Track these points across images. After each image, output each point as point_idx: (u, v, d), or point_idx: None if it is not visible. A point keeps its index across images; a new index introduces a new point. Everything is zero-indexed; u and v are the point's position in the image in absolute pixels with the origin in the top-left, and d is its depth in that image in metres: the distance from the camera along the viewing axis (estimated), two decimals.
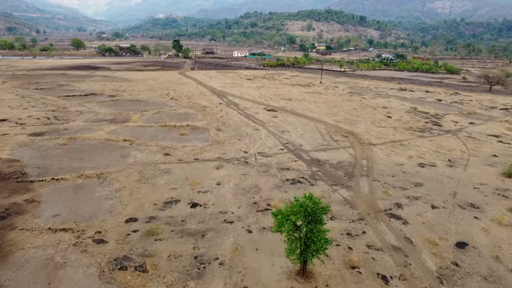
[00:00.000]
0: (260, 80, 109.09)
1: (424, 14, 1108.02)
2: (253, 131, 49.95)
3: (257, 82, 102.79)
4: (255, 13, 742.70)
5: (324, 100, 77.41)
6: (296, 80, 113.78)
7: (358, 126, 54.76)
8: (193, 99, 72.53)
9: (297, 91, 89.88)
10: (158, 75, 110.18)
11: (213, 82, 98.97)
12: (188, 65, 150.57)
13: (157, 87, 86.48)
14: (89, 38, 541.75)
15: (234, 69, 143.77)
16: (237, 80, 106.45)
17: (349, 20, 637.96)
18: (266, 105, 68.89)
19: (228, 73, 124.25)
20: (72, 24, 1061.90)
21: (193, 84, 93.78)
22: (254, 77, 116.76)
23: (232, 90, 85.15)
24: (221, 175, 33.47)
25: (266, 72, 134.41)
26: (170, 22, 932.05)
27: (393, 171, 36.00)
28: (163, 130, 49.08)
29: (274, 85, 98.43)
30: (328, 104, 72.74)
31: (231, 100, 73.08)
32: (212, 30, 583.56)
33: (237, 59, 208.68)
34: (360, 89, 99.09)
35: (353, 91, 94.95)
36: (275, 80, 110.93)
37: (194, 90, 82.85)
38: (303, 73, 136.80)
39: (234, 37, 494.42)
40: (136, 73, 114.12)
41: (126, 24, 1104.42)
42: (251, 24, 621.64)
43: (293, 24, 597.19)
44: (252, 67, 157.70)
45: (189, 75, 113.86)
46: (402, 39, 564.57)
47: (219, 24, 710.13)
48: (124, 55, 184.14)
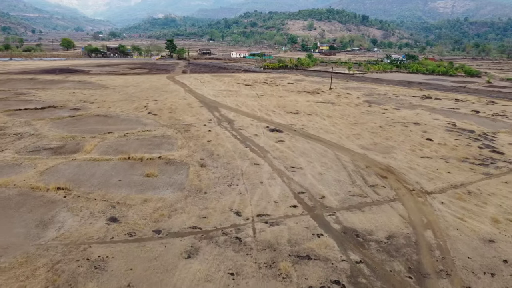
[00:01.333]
0: (260, 86, 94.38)
1: (426, 14, 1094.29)
2: (251, 167, 35.24)
3: (256, 89, 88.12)
4: (255, 13, 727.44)
5: (339, 113, 62.69)
6: (301, 85, 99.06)
7: (395, 157, 40.00)
8: (177, 113, 57.80)
9: (304, 100, 75.16)
10: (142, 80, 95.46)
11: (205, 89, 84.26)
12: (180, 68, 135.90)
13: (136, 96, 71.75)
14: (85, 38, 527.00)
15: (231, 72, 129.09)
16: (234, 86, 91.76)
17: (351, 19, 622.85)
18: (268, 122, 54.17)
19: (224, 77, 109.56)
20: (70, 24, 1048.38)
21: (180, 92, 79.06)
22: (254, 81, 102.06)
23: (226, 100, 70.42)
24: (191, 278, 18.77)
25: (267, 76, 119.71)
26: (169, 22, 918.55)
27: (484, 258, 21.28)
28: (122, 167, 34.37)
29: (277, 93, 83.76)
30: (346, 120, 58.00)
31: (224, 114, 58.35)
32: (210, 30, 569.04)
33: (235, 60, 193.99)
34: (377, 96, 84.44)
35: (370, 99, 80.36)
36: (277, 85, 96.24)
37: (180, 101, 68.09)
38: (308, 77, 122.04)
39: (234, 37, 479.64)
40: (118, 77, 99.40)
41: (125, 24, 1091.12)
42: (251, 24, 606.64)
43: (294, 24, 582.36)
44: (252, 69, 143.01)
45: (179, 80, 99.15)
46: (406, 39, 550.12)
47: (218, 23, 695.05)
48: (112, 56, 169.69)
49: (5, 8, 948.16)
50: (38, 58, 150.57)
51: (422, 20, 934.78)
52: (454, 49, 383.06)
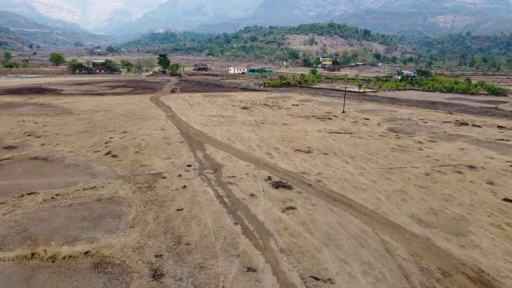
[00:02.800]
0: (260, 109, 79.30)
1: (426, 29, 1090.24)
2: (240, 278, 19.74)
3: (255, 113, 72.99)
4: (255, 27, 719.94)
5: (364, 151, 47.31)
6: (309, 108, 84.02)
7: (477, 243, 24.48)
8: (146, 154, 42.46)
9: (315, 129, 59.90)
10: (119, 102, 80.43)
11: (192, 114, 69.09)
12: (170, 86, 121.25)
13: (101, 126, 56.50)
14: (81, 53, 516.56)
15: (227, 90, 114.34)
16: (228, 109, 76.67)
17: (352, 34, 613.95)
18: (270, 168, 38.75)
19: (217, 98, 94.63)
20: (71, 39, 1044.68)
21: (160, 118, 63.84)
22: (252, 103, 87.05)
23: (216, 131, 55.11)
24: None
25: (268, 96, 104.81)
26: (169, 37, 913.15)
27: None
28: (9, 283, 18.88)
29: (281, 119, 68.59)
30: (375, 162, 42.58)
31: (210, 155, 42.98)
32: (209, 45, 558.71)
33: (233, 76, 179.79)
34: (401, 122, 69.33)
35: (394, 126, 65.30)
36: (280, 108, 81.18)
37: (156, 133, 52.77)
38: (315, 96, 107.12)
39: (233, 51, 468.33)
40: (91, 99, 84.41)
41: (126, 39, 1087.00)
42: (251, 39, 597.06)
43: (295, 38, 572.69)
44: (250, 87, 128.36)
45: (163, 101, 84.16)
46: (409, 54, 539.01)
47: (218, 38, 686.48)
48: (97, 73, 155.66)
49: (5, 23, 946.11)
50: (13, 75, 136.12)
51: (422, 35, 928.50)
52: (461, 64, 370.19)
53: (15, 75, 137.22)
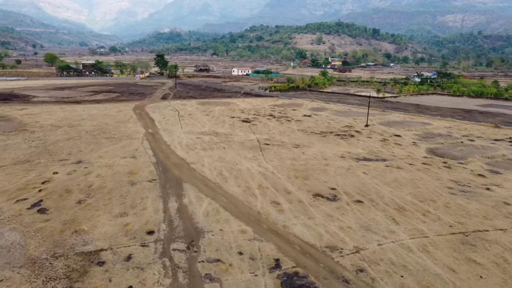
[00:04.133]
0: (264, 122, 64.91)
1: (435, 28, 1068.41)
2: None
3: (259, 129, 58.60)
4: (261, 27, 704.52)
5: (412, 194, 32.88)
6: (324, 119, 69.52)
7: None
8: (91, 206, 28.33)
9: (336, 154, 45.47)
10: (93, 113, 66.31)
11: (178, 131, 54.80)
12: (163, 90, 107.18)
13: (51, 151, 42.43)
14: (83, 52, 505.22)
15: (228, 96, 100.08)
16: (225, 123, 62.34)
17: (361, 33, 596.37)
18: (279, 239, 24.38)
19: (215, 106, 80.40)
20: (76, 39, 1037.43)
21: (136, 138, 49.64)
22: (255, 114, 72.70)
23: (204, 160, 40.74)
24: None
25: (274, 103, 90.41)
26: (174, 36, 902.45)
27: None
28: None
29: (290, 136, 54.19)
30: (436, 220, 28.03)
31: (188, 207, 28.74)
32: (214, 44, 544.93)
33: (236, 78, 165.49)
34: (442, 140, 54.93)
35: (435, 147, 51.09)
36: (289, 121, 66.74)
37: (121, 164, 38.55)
38: (329, 103, 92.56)
39: (238, 51, 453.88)
40: (62, 108, 70.44)
41: (131, 39, 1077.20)
42: (257, 38, 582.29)
43: (302, 38, 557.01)
44: (254, 92, 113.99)
45: (149, 112, 70.05)
46: (420, 53, 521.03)
47: (223, 38, 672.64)
48: (87, 75, 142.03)
49: (11, 23, 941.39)
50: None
51: (432, 34, 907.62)
52: (477, 64, 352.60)
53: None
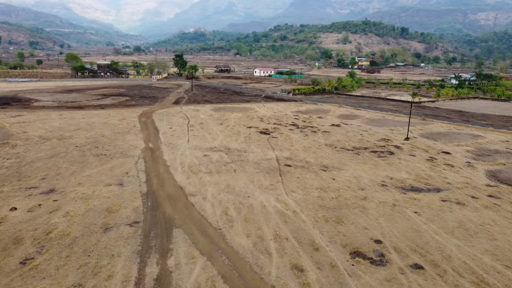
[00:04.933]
0: (286, 134, 55.82)
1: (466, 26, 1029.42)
2: None
3: (279, 143, 49.55)
4: (286, 26, 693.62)
5: (493, 256, 23.21)
6: (355, 130, 59.81)
7: None
8: (38, 270, 20.09)
9: (375, 180, 36.02)
10: (93, 121, 58.64)
11: (183, 146, 46.40)
12: (178, 93, 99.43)
13: (22, 174, 34.62)
14: (107, 52, 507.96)
15: (247, 100, 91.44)
16: (240, 135, 53.63)
17: (389, 32, 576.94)
18: None
19: (231, 113, 71.80)
20: (103, 39, 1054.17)
21: (131, 155, 41.45)
22: (276, 123, 63.70)
23: (207, 191, 32.04)
24: None
25: (298, 108, 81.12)
26: (198, 36, 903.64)
27: None
28: None
29: (317, 154, 44.93)
30: None
31: (172, 275, 20.11)
32: (237, 44, 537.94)
33: (258, 80, 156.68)
34: (504, 160, 44.70)
35: (496, 169, 41.37)
36: (315, 132, 57.40)
37: (102, 195, 30.26)
38: (359, 110, 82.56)
39: (262, 51, 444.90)
40: (60, 116, 63.19)
41: (157, 39, 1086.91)
42: (281, 37, 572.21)
43: (327, 37, 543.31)
44: (277, 95, 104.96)
45: (156, 120, 62.05)
46: (451, 53, 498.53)
47: (247, 37, 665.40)
48: (102, 76, 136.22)
49: (41, 23, 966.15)
50: (1, 79, 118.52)
51: (462, 32, 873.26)
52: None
53: (3, 78, 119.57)
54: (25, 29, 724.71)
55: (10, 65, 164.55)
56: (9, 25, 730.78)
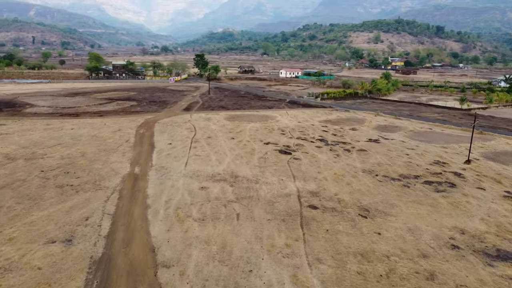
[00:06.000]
0: (312, 153, 44.59)
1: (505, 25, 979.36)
2: None
3: (302, 168, 38.42)
4: (315, 25, 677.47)
5: None
6: (398, 148, 47.82)
7: None
8: None
9: (440, 237, 24.52)
10: (80, 134, 49.35)
11: (178, 171, 36.02)
12: (193, 98, 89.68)
13: None
14: (134, 52, 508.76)
15: (269, 106, 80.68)
16: (254, 154, 42.85)
17: (423, 31, 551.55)
18: None
19: (247, 123, 61.12)
20: (134, 39, 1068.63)
21: (105, 188, 31.43)
22: (301, 136, 52.57)
23: (192, 256, 21.53)
24: None
25: (327, 117, 69.55)
26: (226, 36, 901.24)
27: None
28: None
29: (352, 186, 33.62)
30: None
31: None
32: (264, 43, 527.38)
33: (283, 81, 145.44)
34: None
35: None
36: (349, 151, 45.82)
37: (29, 267, 20.30)
38: (399, 119, 70.18)
39: (289, 50, 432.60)
40: (47, 126, 54.34)
41: (186, 39, 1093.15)
42: (310, 37, 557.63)
43: (358, 36, 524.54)
44: (303, 100, 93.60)
45: (155, 132, 52.18)
46: (490, 53, 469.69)
47: (275, 37, 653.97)
48: (117, 77, 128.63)
49: (75, 24, 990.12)
50: (9, 80, 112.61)
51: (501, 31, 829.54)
52: None
53: (12, 80, 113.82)
54: (58, 30, 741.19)
55: (29, 65, 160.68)
56: (43, 26, 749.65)
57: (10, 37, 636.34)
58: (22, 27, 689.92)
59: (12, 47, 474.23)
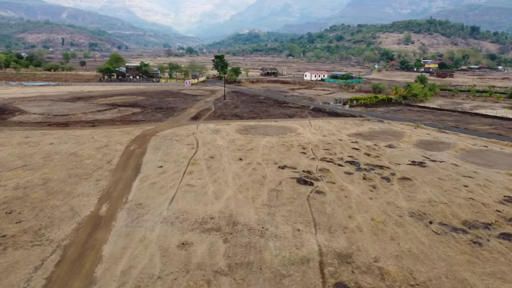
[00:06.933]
0: (339, 182, 34.45)
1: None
2: None
3: (328, 211, 28.47)
4: (342, 26, 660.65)
5: None
6: (451, 174, 36.93)
7: None
8: None
9: None
10: (58, 151, 40.74)
11: (158, 213, 26.77)
12: (205, 104, 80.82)
13: None
14: (159, 53, 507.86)
15: (290, 114, 70.76)
16: (264, 185, 33.14)
17: (456, 31, 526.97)
18: None
19: (262, 137, 51.46)
20: (161, 41, 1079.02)
21: (42, 244, 22.55)
22: (327, 154, 42.43)
23: None
24: None
25: (357, 130, 58.98)
26: (252, 37, 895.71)
27: None
28: None
29: (397, 240, 23.38)
30: None
31: None
32: (290, 45, 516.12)
33: (308, 85, 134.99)
34: None
35: None
36: (387, 179, 35.35)
37: None
38: (446, 132, 58.87)
39: (316, 52, 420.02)
40: (27, 138, 46.25)
41: (212, 40, 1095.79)
42: (337, 38, 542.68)
43: (387, 37, 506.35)
44: (328, 107, 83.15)
45: (149, 148, 43.18)
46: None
47: (302, 38, 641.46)
48: (131, 80, 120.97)
49: (104, 26, 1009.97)
50: (16, 82, 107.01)
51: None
52: None
53: (18, 82, 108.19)
54: (87, 32, 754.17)
55: (47, 66, 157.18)
56: (73, 27, 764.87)
57: (41, 39, 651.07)
58: (53, 29, 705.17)
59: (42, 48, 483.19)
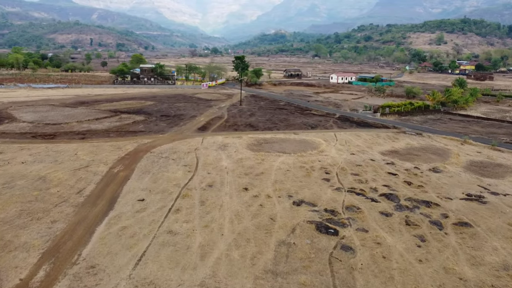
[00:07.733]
0: (374, 229, 25.57)
1: None
2: None
3: (361, 276, 19.84)
4: (370, 26, 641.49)
5: None
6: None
7: None
8: None
9: None
10: (25, 174, 33.50)
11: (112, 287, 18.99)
12: (218, 110, 72.84)
13: None
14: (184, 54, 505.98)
15: (312, 124, 61.82)
16: (273, 231, 24.57)
17: (493, 31, 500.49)
18: None
19: (277, 156, 42.78)
20: (188, 41, 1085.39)
21: None
22: (355, 183, 33.48)
23: None
24: None
25: (393, 146, 49.49)
26: (278, 38, 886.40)
27: None
28: None
29: None
30: None
31: None
32: (316, 45, 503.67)
33: (334, 88, 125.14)
34: None
35: None
36: (439, 226, 26.27)
37: None
38: (500, 151, 48.69)
39: (343, 52, 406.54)
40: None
41: (239, 41, 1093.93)
42: (365, 38, 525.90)
43: (418, 37, 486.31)
44: (357, 116, 73.51)
45: (137, 169, 35.41)
46: None
47: (328, 38, 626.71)
48: (145, 82, 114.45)
49: (133, 27, 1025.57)
50: (25, 85, 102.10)
51: None
52: None
53: (27, 84, 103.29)
54: (115, 32, 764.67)
55: (66, 67, 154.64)
56: (101, 28, 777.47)
57: (70, 39, 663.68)
58: (82, 30, 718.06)
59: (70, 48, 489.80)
